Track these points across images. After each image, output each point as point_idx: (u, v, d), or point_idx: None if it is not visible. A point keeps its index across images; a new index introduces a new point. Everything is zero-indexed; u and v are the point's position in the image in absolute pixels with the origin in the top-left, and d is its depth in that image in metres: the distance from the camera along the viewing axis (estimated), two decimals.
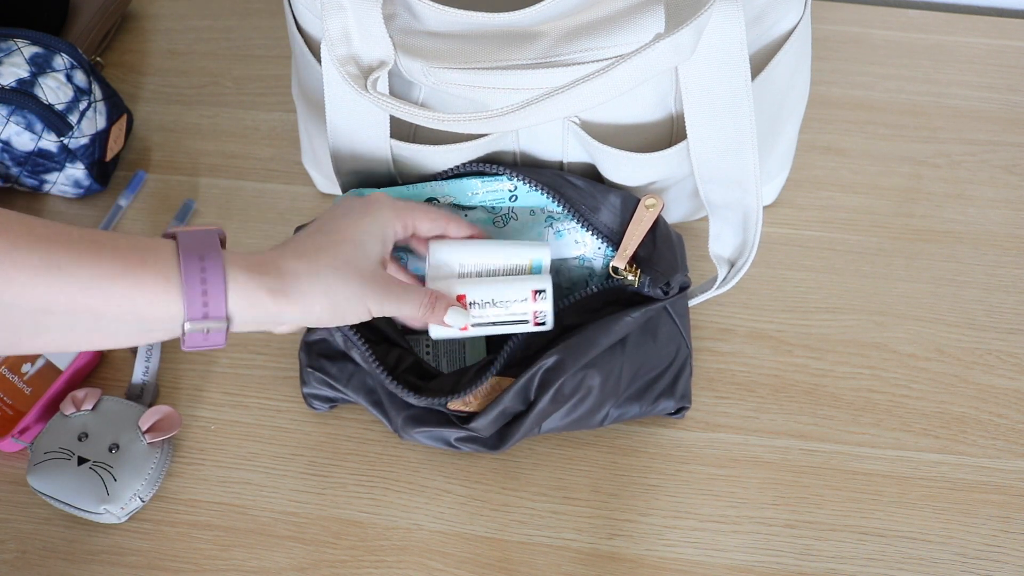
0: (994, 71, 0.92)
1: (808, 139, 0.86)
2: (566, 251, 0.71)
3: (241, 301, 0.54)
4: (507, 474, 0.71)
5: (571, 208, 0.68)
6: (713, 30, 0.60)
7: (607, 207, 0.69)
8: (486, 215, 0.70)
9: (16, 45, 0.79)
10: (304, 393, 0.71)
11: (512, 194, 0.69)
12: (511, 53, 0.61)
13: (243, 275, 0.54)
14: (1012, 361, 0.75)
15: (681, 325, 0.69)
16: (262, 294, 0.54)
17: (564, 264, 0.72)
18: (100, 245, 0.51)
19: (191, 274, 0.52)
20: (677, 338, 0.68)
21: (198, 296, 0.52)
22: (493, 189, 0.69)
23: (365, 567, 0.67)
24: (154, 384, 0.74)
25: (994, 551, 0.67)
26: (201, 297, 0.52)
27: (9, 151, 0.80)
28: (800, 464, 0.71)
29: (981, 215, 0.82)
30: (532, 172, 0.68)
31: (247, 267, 0.54)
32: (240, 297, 0.54)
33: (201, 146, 0.89)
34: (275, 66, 0.94)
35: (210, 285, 0.52)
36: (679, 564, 0.67)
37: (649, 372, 0.68)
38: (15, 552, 0.68)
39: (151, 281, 0.51)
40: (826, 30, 0.94)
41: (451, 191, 0.69)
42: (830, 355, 0.75)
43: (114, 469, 0.68)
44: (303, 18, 0.70)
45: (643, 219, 0.68)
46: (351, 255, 0.58)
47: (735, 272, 0.71)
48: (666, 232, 0.69)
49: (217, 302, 0.53)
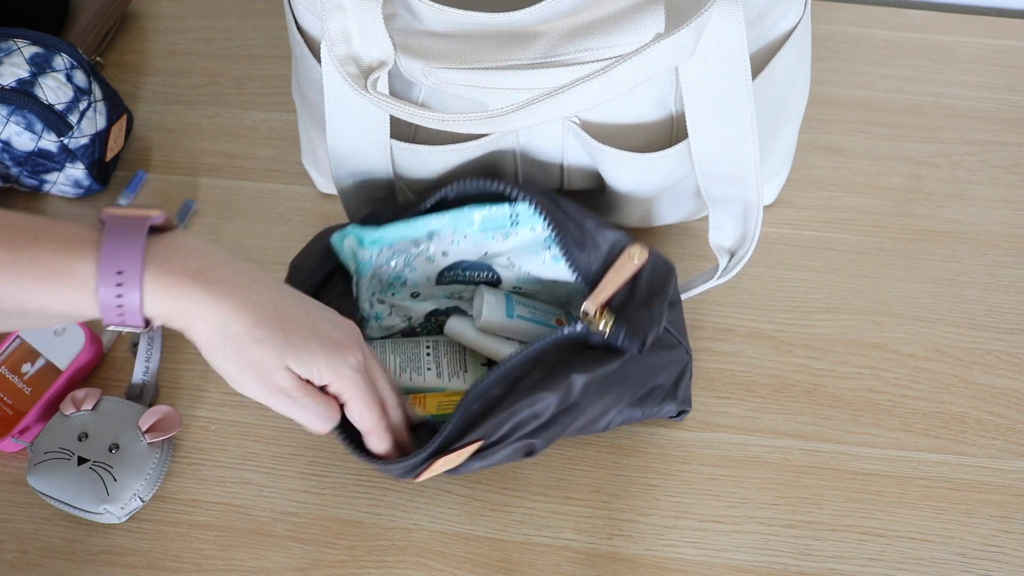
0: (994, 71, 0.92)
1: (808, 139, 0.86)
2: (562, 275, 0.71)
3: (153, 307, 0.53)
4: (507, 474, 0.71)
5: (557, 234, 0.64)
6: (713, 30, 0.60)
7: (592, 247, 0.65)
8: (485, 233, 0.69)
9: (16, 45, 0.79)
10: None
11: (513, 220, 0.68)
12: (511, 53, 0.61)
13: (157, 288, 0.52)
14: (1012, 361, 0.75)
15: (678, 335, 0.68)
16: (170, 304, 0.53)
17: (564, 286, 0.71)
18: (16, 250, 0.50)
19: (106, 290, 0.51)
20: (676, 347, 0.68)
21: (114, 308, 0.51)
22: (494, 217, 0.67)
23: (365, 567, 0.67)
24: (154, 384, 0.74)
25: (994, 551, 0.67)
26: (117, 308, 0.51)
27: (9, 151, 0.80)
28: (800, 464, 0.71)
29: (981, 215, 0.82)
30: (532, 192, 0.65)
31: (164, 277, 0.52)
32: (153, 305, 0.52)
33: (201, 146, 0.89)
34: (275, 66, 0.94)
35: (125, 298, 0.51)
36: (679, 564, 0.67)
37: (648, 381, 0.67)
38: (15, 552, 0.68)
39: (67, 294, 0.51)
40: (826, 30, 0.94)
41: (451, 222, 0.67)
42: (830, 355, 0.75)
43: (114, 469, 0.68)
44: (303, 18, 0.69)
45: (623, 268, 0.64)
46: (270, 357, 0.54)
47: (736, 262, 0.70)
48: (646, 284, 0.65)
49: (132, 312, 0.52)
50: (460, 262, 0.71)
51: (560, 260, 0.70)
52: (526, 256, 0.70)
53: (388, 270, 0.69)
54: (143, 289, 0.51)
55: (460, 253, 0.70)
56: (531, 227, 0.68)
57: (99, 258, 0.51)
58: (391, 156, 0.70)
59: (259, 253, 0.82)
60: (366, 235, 0.65)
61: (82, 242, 0.51)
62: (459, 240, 0.68)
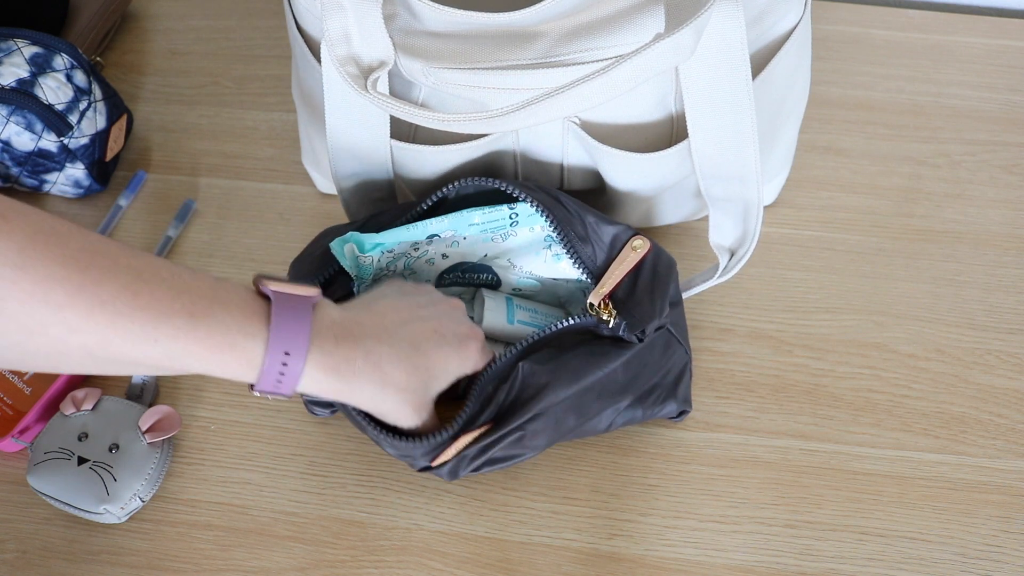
0: (994, 71, 0.92)
1: (808, 139, 0.86)
2: (563, 274, 0.71)
3: (305, 387, 0.55)
4: (507, 474, 0.71)
5: (560, 232, 0.65)
6: (713, 30, 0.60)
7: (596, 241, 0.66)
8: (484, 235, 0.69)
9: (16, 45, 0.79)
10: (304, 400, 0.71)
11: (513, 221, 0.68)
12: (511, 53, 0.61)
13: (317, 373, 0.55)
14: (1012, 361, 0.75)
15: (679, 335, 0.68)
16: (325, 387, 0.56)
17: (564, 285, 0.71)
18: (195, 318, 0.51)
19: (271, 368, 0.53)
20: (676, 347, 0.68)
21: (272, 384, 0.54)
22: (493, 219, 0.67)
23: (365, 567, 0.67)
24: (154, 384, 0.74)
25: (994, 551, 0.67)
26: (274, 384, 0.54)
27: (9, 151, 0.80)
28: (800, 464, 0.71)
29: (981, 215, 0.82)
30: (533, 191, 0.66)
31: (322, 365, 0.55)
32: (306, 386, 0.55)
33: (201, 146, 0.89)
34: (275, 66, 0.94)
35: (286, 377, 0.54)
36: (679, 564, 0.67)
37: (649, 380, 0.67)
38: (15, 552, 0.68)
39: (234, 365, 0.53)
40: (826, 30, 0.94)
41: (451, 225, 0.67)
42: (830, 355, 0.75)
43: (114, 469, 0.68)
44: (303, 18, 0.69)
45: (626, 259, 0.66)
46: (420, 387, 0.59)
47: (736, 261, 0.71)
48: (649, 275, 0.66)
49: (287, 389, 0.54)
50: (460, 264, 0.71)
51: (561, 258, 0.70)
52: (526, 256, 0.70)
53: (389, 274, 0.69)
54: (304, 371, 0.54)
55: (460, 255, 0.70)
56: (530, 227, 0.68)
57: (268, 339, 0.53)
58: (391, 156, 0.70)
59: (259, 253, 0.82)
60: (366, 240, 0.65)
61: (252, 316, 0.53)
62: (459, 242, 0.68)
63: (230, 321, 0.52)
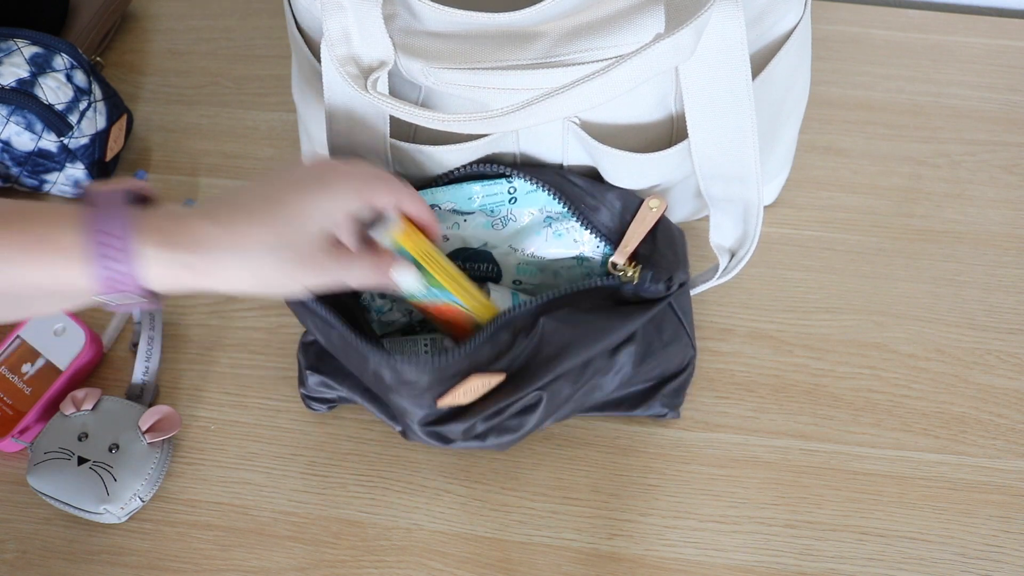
0: (994, 71, 0.92)
1: (808, 139, 0.86)
2: (565, 251, 0.71)
3: (156, 276, 0.51)
4: (507, 474, 0.71)
5: (571, 206, 0.68)
6: (713, 30, 0.60)
7: (606, 206, 0.69)
8: (485, 219, 0.70)
9: (16, 45, 0.79)
10: (302, 394, 0.71)
11: (512, 196, 0.69)
12: (511, 53, 0.61)
13: (154, 250, 0.51)
14: (1012, 361, 0.75)
15: (686, 323, 0.69)
16: (177, 268, 0.51)
17: (563, 264, 0.72)
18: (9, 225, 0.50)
19: (96, 254, 0.50)
20: (683, 337, 0.68)
21: (106, 275, 0.50)
22: (492, 192, 0.69)
23: (365, 567, 0.67)
24: (154, 384, 0.74)
25: (994, 551, 0.67)
26: (110, 275, 0.50)
27: (9, 151, 0.80)
28: (800, 464, 0.71)
29: (981, 215, 0.82)
30: (533, 171, 0.68)
31: (160, 241, 0.51)
32: (155, 273, 0.51)
33: (201, 146, 0.89)
34: (275, 66, 0.94)
35: (118, 264, 0.50)
36: (679, 564, 0.67)
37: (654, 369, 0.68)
38: (15, 552, 0.68)
39: (61, 263, 0.50)
40: (826, 30, 0.94)
41: (450, 197, 0.68)
42: (830, 355, 0.75)
43: (114, 469, 0.68)
44: (303, 18, 0.70)
45: (646, 219, 0.68)
46: (289, 235, 0.53)
47: (736, 262, 0.71)
48: (668, 231, 0.69)
49: (127, 279, 0.51)
50: (461, 250, 0.71)
51: (562, 235, 0.70)
52: (528, 238, 0.71)
53: None
54: (137, 251, 0.51)
55: (461, 239, 0.70)
56: (529, 211, 0.69)
57: (83, 223, 0.50)
58: (391, 156, 0.70)
59: None
60: None
61: (66, 212, 0.51)
62: (459, 223, 0.69)
63: (43, 220, 0.50)
